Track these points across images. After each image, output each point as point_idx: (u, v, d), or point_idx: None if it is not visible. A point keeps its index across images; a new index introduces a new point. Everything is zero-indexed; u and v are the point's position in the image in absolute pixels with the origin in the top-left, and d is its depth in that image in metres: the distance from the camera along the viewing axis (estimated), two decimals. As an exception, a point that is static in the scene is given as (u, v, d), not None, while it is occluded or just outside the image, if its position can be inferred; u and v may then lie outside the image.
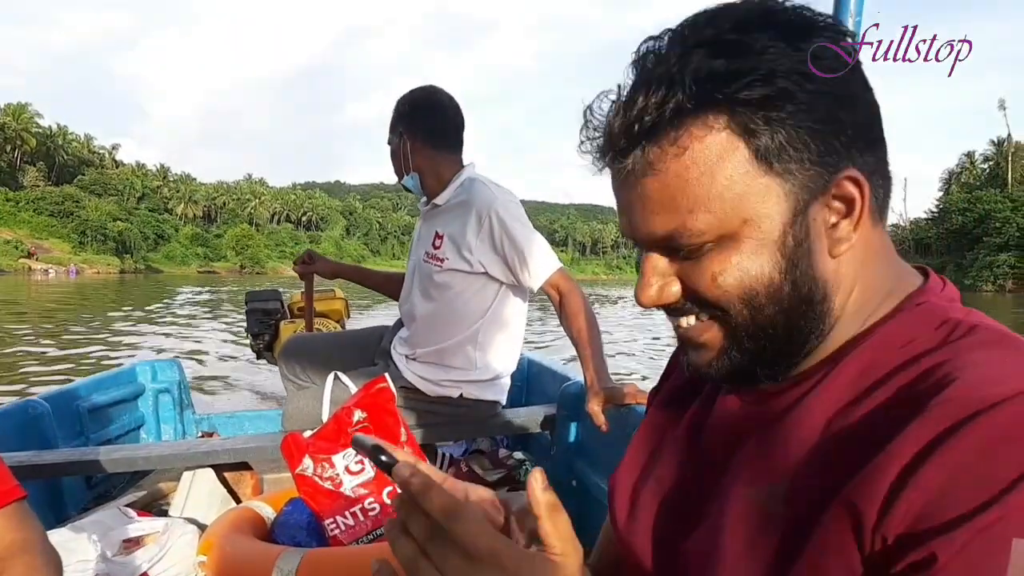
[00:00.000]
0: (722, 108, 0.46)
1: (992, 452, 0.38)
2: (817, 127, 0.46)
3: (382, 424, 1.67)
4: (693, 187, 0.47)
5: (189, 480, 1.93)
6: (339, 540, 1.57)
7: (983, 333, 0.46)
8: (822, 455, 0.46)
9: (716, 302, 0.50)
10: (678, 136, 0.46)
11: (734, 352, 0.51)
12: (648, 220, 0.49)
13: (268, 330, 3.27)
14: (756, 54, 0.45)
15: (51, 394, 2.29)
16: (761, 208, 0.47)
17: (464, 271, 1.84)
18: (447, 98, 1.92)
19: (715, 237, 0.48)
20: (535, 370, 2.65)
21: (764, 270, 0.48)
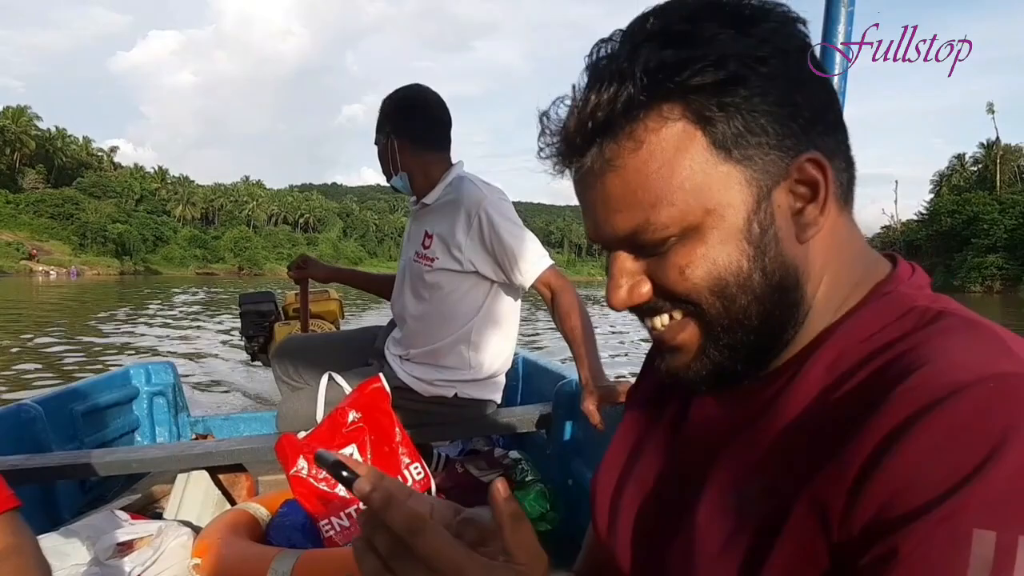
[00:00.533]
0: (676, 98, 0.45)
1: (954, 439, 0.37)
2: (773, 110, 0.45)
3: (377, 424, 1.67)
4: (653, 180, 0.46)
5: (184, 483, 1.93)
6: (334, 541, 1.56)
7: (949, 319, 0.45)
8: (793, 452, 0.46)
9: (687, 296, 0.49)
10: (633, 130, 0.46)
11: (711, 350, 0.50)
12: (611, 219, 0.48)
13: (262, 332, 3.26)
14: (706, 41, 0.45)
15: (44, 397, 2.28)
16: (724, 197, 0.46)
17: (455, 270, 1.83)
18: (433, 96, 1.91)
19: (679, 230, 0.47)
20: (529, 369, 2.64)
21: (732, 259, 0.47)
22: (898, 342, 0.45)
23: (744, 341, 0.49)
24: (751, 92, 0.45)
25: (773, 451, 0.47)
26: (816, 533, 0.41)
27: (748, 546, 0.46)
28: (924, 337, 0.44)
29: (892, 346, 0.45)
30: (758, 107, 0.45)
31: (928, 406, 0.38)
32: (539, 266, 1.77)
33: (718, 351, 0.50)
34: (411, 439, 1.74)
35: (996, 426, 0.37)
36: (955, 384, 0.39)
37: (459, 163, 1.93)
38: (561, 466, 2.02)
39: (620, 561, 0.60)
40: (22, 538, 0.99)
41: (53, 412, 2.20)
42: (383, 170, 1.94)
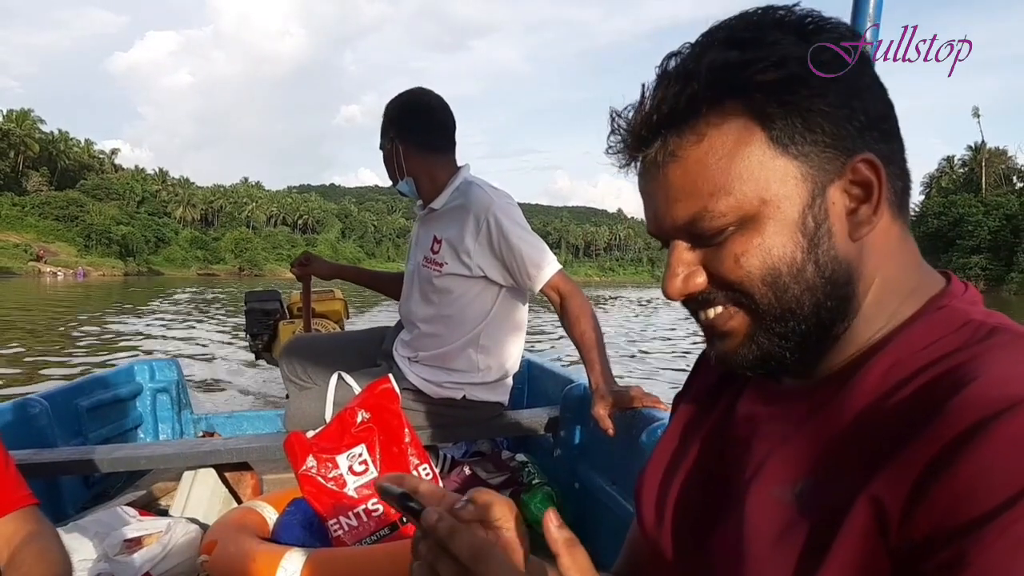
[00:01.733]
0: (737, 95, 0.48)
1: (1014, 451, 0.38)
2: (831, 111, 0.48)
3: (386, 425, 1.67)
4: (712, 172, 0.49)
5: (190, 480, 1.93)
6: (342, 541, 1.56)
7: (1004, 334, 0.46)
8: (848, 454, 0.47)
9: (740, 284, 0.50)
10: (696, 124, 0.49)
11: (761, 337, 0.52)
12: (672, 208, 0.51)
13: (267, 330, 3.27)
14: (768, 45, 0.48)
15: (49, 392, 2.27)
16: (780, 190, 0.48)
17: (463, 275, 1.83)
18: (436, 100, 1.90)
19: (736, 219, 0.49)
20: (536, 372, 2.64)
21: (786, 250, 0.49)
22: (954, 354, 0.46)
23: (795, 330, 0.51)
24: (810, 92, 0.47)
25: (829, 452, 0.48)
26: (875, 536, 0.42)
27: (803, 543, 0.46)
28: (980, 350, 0.45)
29: (948, 357, 0.46)
30: (816, 107, 0.48)
31: (988, 418, 0.39)
32: (548, 271, 1.77)
33: (767, 338, 0.52)
34: (419, 440, 1.74)
35: None
36: (1012, 398, 0.39)
37: (465, 166, 1.93)
38: (568, 469, 2.02)
39: (666, 554, 0.61)
40: (44, 527, 1.05)
41: (58, 407, 2.20)
42: (389, 175, 1.93)
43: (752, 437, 0.56)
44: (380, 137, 1.92)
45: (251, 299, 3.39)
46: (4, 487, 1.05)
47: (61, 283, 51.10)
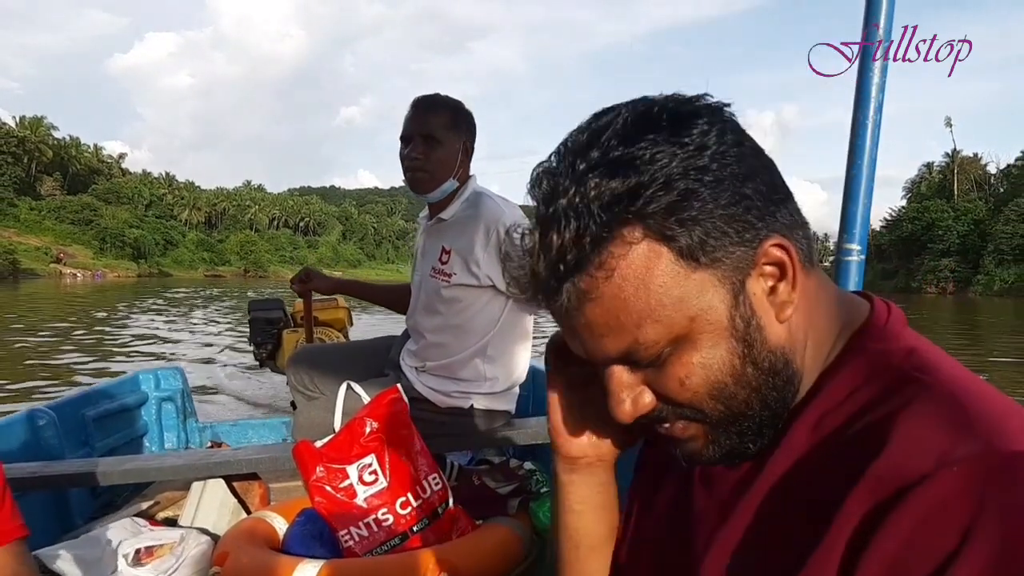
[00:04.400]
0: (635, 223, 0.46)
1: (931, 523, 0.40)
2: (728, 211, 0.47)
3: (395, 435, 1.67)
4: (632, 302, 0.47)
5: (199, 490, 1.94)
6: (353, 551, 1.56)
7: (916, 386, 0.47)
8: (780, 522, 0.49)
9: (689, 404, 0.51)
10: (603, 261, 0.47)
11: (721, 439, 0.52)
12: (600, 343, 0.50)
13: (271, 339, 3.27)
14: (647, 163, 0.46)
15: (56, 403, 2.29)
16: (702, 302, 0.48)
17: (472, 285, 1.83)
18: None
19: (669, 342, 0.48)
20: (542, 380, 2.62)
21: (725, 360, 0.49)
22: (871, 407, 0.47)
23: (750, 426, 0.51)
24: (703, 202, 0.46)
25: (765, 521, 0.50)
26: None
27: None
28: (894, 408, 0.46)
29: (866, 412, 0.47)
30: (713, 213, 0.46)
31: (900, 491, 0.41)
32: None
33: (727, 438, 0.52)
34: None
35: (967, 509, 0.40)
36: (920, 471, 0.41)
37: (473, 177, 1.94)
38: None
39: None
40: (25, 568, 1.01)
41: (64, 418, 2.21)
42: (436, 173, 1.86)
43: (705, 500, 0.57)
44: (443, 130, 1.85)
45: (255, 308, 3.40)
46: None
47: (80, 283, 53.58)
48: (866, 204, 1.12)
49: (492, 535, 1.64)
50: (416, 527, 1.61)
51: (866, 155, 1.12)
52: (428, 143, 1.84)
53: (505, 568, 1.58)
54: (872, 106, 1.12)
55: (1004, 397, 0.47)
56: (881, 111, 1.12)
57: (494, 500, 1.85)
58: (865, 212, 1.11)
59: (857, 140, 1.13)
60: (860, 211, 1.10)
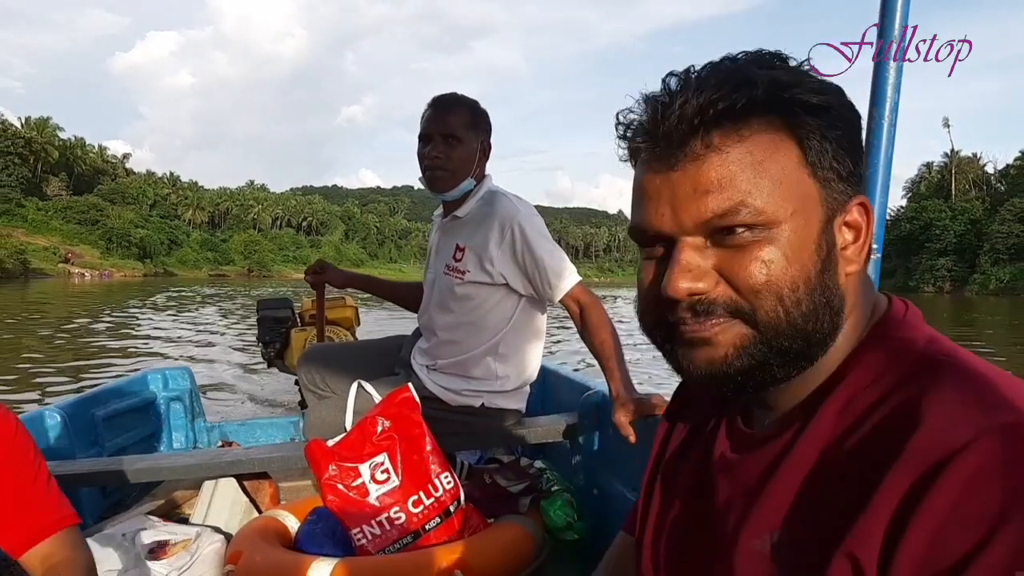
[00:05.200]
0: (783, 111, 0.50)
1: (972, 494, 0.40)
2: (851, 147, 0.51)
3: (407, 433, 1.67)
4: (752, 170, 0.50)
5: (211, 489, 1.94)
6: (365, 549, 1.57)
7: (943, 369, 0.48)
8: (817, 503, 0.49)
9: (758, 292, 0.50)
10: (743, 127, 0.50)
11: (754, 349, 0.51)
12: (700, 200, 0.50)
13: (279, 338, 3.28)
14: (806, 75, 0.52)
15: (65, 403, 2.29)
16: (806, 206, 0.50)
17: (485, 283, 1.84)
18: None
19: (768, 220, 0.50)
20: (551, 379, 2.65)
21: (805, 267, 0.50)
22: (900, 390, 0.47)
23: (789, 347, 0.51)
24: (837, 125, 0.50)
25: (799, 501, 0.50)
26: None
27: None
28: (925, 388, 0.46)
29: (895, 394, 0.47)
30: (843, 140, 0.50)
31: (939, 464, 0.41)
32: (568, 282, 1.79)
33: (760, 351, 0.51)
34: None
35: (1007, 477, 0.40)
36: (958, 441, 0.41)
37: (488, 176, 1.95)
38: (587, 476, 2.03)
39: None
40: (78, 553, 1.04)
41: (74, 418, 2.21)
42: (457, 171, 1.86)
43: (728, 486, 0.57)
44: (464, 129, 1.85)
45: (263, 307, 3.41)
46: (47, 507, 1.04)
47: (89, 283, 54.67)
48: (882, 203, 1.13)
49: (505, 533, 1.64)
50: (429, 525, 1.61)
51: (882, 154, 1.12)
52: (448, 142, 1.84)
53: (518, 566, 1.58)
54: (888, 105, 1.12)
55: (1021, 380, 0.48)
56: (897, 110, 1.12)
57: (506, 498, 1.85)
58: (881, 210, 1.12)
59: (873, 139, 1.13)
60: (876, 209, 1.09)
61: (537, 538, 1.69)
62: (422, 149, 1.87)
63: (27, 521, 1.01)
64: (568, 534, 1.80)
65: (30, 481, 1.03)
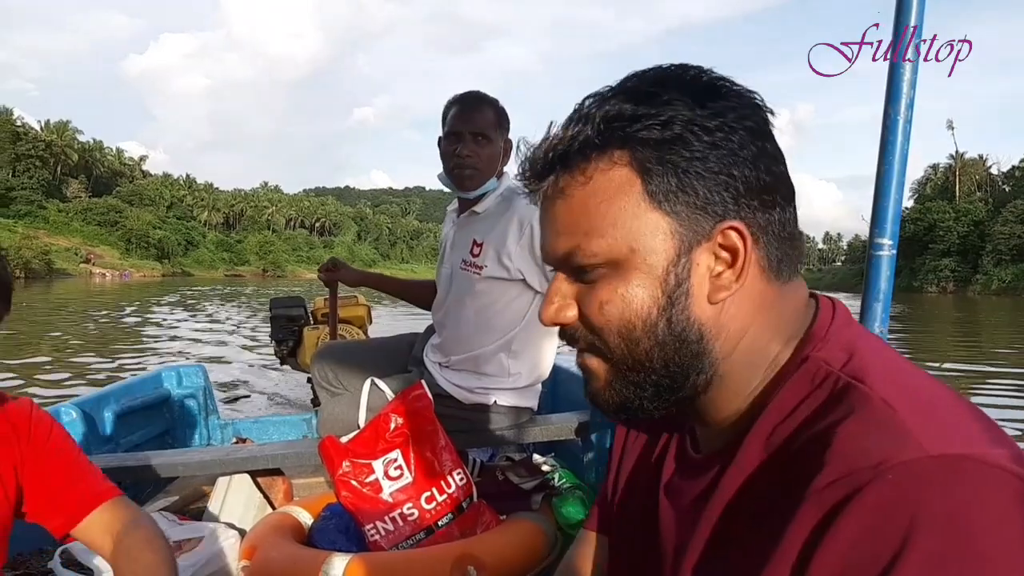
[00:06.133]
0: (624, 146, 0.51)
1: (868, 532, 0.41)
2: (707, 176, 0.50)
3: (420, 430, 1.69)
4: (591, 213, 0.52)
5: (225, 486, 1.95)
6: (379, 545, 1.58)
7: (852, 396, 0.47)
8: (737, 536, 0.50)
9: (599, 331, 0.53)
10: (586, 166, 0.52)
11: (617, 384, 0.55)
12: (555, 240, 0.55)
13: (292, 336, 3.30)
14: (662, 103, 0.51)
15: (81, 400, 2.31)
16: (649, 242, 0.51)
17: (503, 278, 1.84)
18: None
19: (605, 260, 0.52)
20: (563, 376, 2.65)
21: (644, 303, 0.52)
22: (813, 420, 0.48)
23: (648, 381, 0.54)
24: (691, 155, 0.51)
25: (723, 534, 0.51)
26: None
27: None
28: (833, 421, 0.47)
29: (808, 425, 0.48)
30: (692, 169, 0.50)
31: (840, 503, 0.42)
32: None
33: (623, 386, 0.54)
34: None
35: (902, 517, 0.40)
36: (857, 482, 0.42)
37: (506, 173, 1.95)
38: (598, 473, 2.03)
39: None
40: (139, 513, 1.10)
41: (89, 415, 2.23)
42: (485, 170, 1.88)
43: (671, 511, 0.59)
44: (492, 129, 1.87)
45: (276, 306, 3.43)
46: (93, 479, 1.09)
47: (110, 283, 56.65)
48: (897, 199, 1.12)
49: (517, 529, 1.65)
50: (442, 521, 1.63)
51: (897, 151, 1.12)
52: (478, 141, 1.85)
53: (530, 562, 1.59)
54: (904, 102, 1.12)
55: (945, 394, 0.48)
56: (912, 107, 1.12)
57: (518, 495, 1.86)
58: (896, 207, 1.11)
59: (889, 136, 1.12)
60: (891, 206, 1.10)
61: (549, 534, 1.69)
62: (450, 147, 1.87)
63: (78, 493, 1.06)
64: (580, 531, 1.80)
65: (74, 459, 1.09)
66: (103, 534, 1.04)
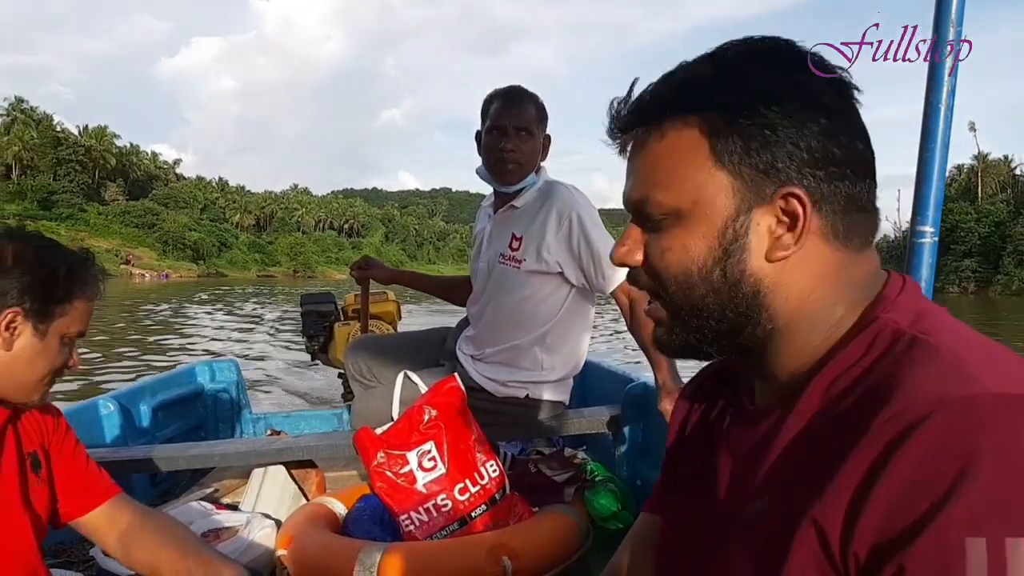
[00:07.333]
0: (698, 110, 0.55)
1: (929, 464, 0.42)
2: (773, 144, 0.53)
3: (453, 422, 1.70)
4: (663, 167, 0.56)
5: (260, 477, 1.98)
6: (413, 535, 1.59)
7: (918, 347, 0.49)
8: (794, 475, 0.51)
9: (659, 274, 0.58)
10: (662, 125, 0.56)
11: (679, 330, 0.59)
12: (631, 188, 0.59)
13: (323, 332, 3.33)
14: (740, 73, 0.54)
15: (118, 393, 2.36)
16: (711, 197, 0.55)
17: (541, 271, 1.85)
18: None
19: (671, 211, 0.56)
20: (593, 371, 2.65)
21: (701, 253, 0.55)
22: (876, 368, 0.50)
23: (706, 327, 0.57)
24: (759, 122, 0.53)
25: (782, 471, 0.53)
26: (821, 558, 0.46)
27: (758, 563, 0.51)
28: (897, 365, 0.49)
29: (871, 373, 0.50)
30: (757, 135, 0.53)
31: (902, 434, 0.43)
32: (622, 273, 1.78)
33: (684, 331, 0.59)
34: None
35: (962, 446, 0.41)
36: (918, 415, 0.43)
37: (543, 168, 1.96)
38: (630, 466, 2.03)
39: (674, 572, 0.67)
40: (143, 508, 1.22)
41: (126, 408, 2.28)
42: (526, 164, 1.89)
43: (728, 460, 0.61)
44: (531, 125, 1.88)
45: (307, 302, 3.47)
46: (96, 478, 1.18)
47: (149, 283, 59.14)
48: (939, 187, 1.11)
49: (551, 521, 1.65)
50: (475, 512, 1.64)
51: (939, 139, 1.10)
52: (521, 136, 1.86)
53: (563, 554, 1.59)
54: (945, 90, 1.10)
55: (1011, 353, 0.49)
56: (954, 95, 1.10)
57: (550, 488, 1.86)
58: (938, 195, 1.10)
59: (929, 124, 1.11)
60: (933, 194, 1.09)
61: (582, 527, 1.69)
62: (492, 141, 1.88)
63: (83, 488, 1.16)
64: (612, 523, 1.80)
65: (82, 460, 1.18)
66: (110, 528, 1.15)
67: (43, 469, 1.10)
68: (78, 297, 1.05)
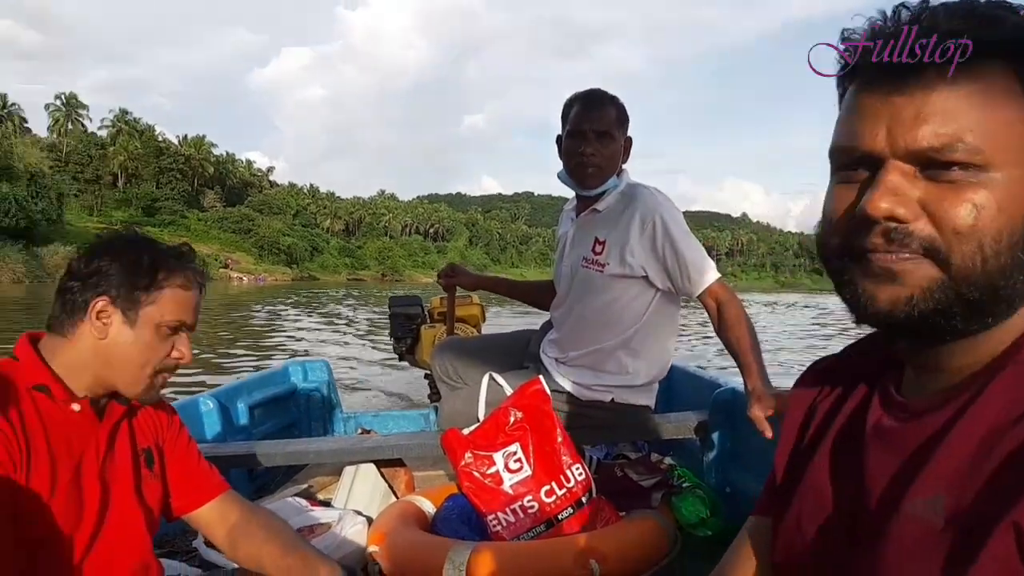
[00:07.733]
0: (1020, 60, 0.48)
1: None
2: None
3: (539, 425, 1.70)
4: (979, 109, 0.48)
5: (351, 475, 2.04)
6: (500, 536, 1.61)
7: None
8: (984, 474, 0.47)
9: (961, 234, 0.48)
10: (983, 64, 0.48)
11: (939, 295, 0.49)
12: (918, 126, 0.49)
13: (410, 334, 3.42)
14: None
15: (216, 392, 2.46)
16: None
17: (625, 275, 1.84)
18: None
19: (984, 163, 0.48)
20: (678, 375, 2.60)
21: (1013, 220, 0.48)
22: None
23: (974, 298, 0.49)
24: None
25: (965, 470, 0.48)
26: (1016, 562, 0.42)
27: (943, 561, 0.47)
28: None
29: None
30: None
31: None
32: (709, 277, 1.77)
33: (945, 298, 0.49)
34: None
35: None
36: None
37: (625, 171, 1.94)
38: (718, 473, 1.99)
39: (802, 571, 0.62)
40: (250, 503, 1.27)
41: (224, 405, 2.37)
42: (608, 168, 1.88)
43: (882, 454, 0.55)
44: (612, 129, 1.86)
45: (395, 304, 3.56)
46: (207, 474, 1.24)
47: (247, 286, 62.17)
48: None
49: (638, 526, 1.63)
50: (562, 515, 1.63)
51: None
52: (601, 139, 1.85)
53: (651, 559, 1.57)
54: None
55: None
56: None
57: (637, 493, 1.84)
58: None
59: None
60: None
61: (670, 532, 1.68)
62: (573, 145, 1.87)
63: (195, 484, 1.21)
64: (701, 530, 1.77)
65: (194, 457, 1.24)
66: (219, 522, 1.20)
67: (156, 465, 1.15)
68: (165, 284, 1.03)
